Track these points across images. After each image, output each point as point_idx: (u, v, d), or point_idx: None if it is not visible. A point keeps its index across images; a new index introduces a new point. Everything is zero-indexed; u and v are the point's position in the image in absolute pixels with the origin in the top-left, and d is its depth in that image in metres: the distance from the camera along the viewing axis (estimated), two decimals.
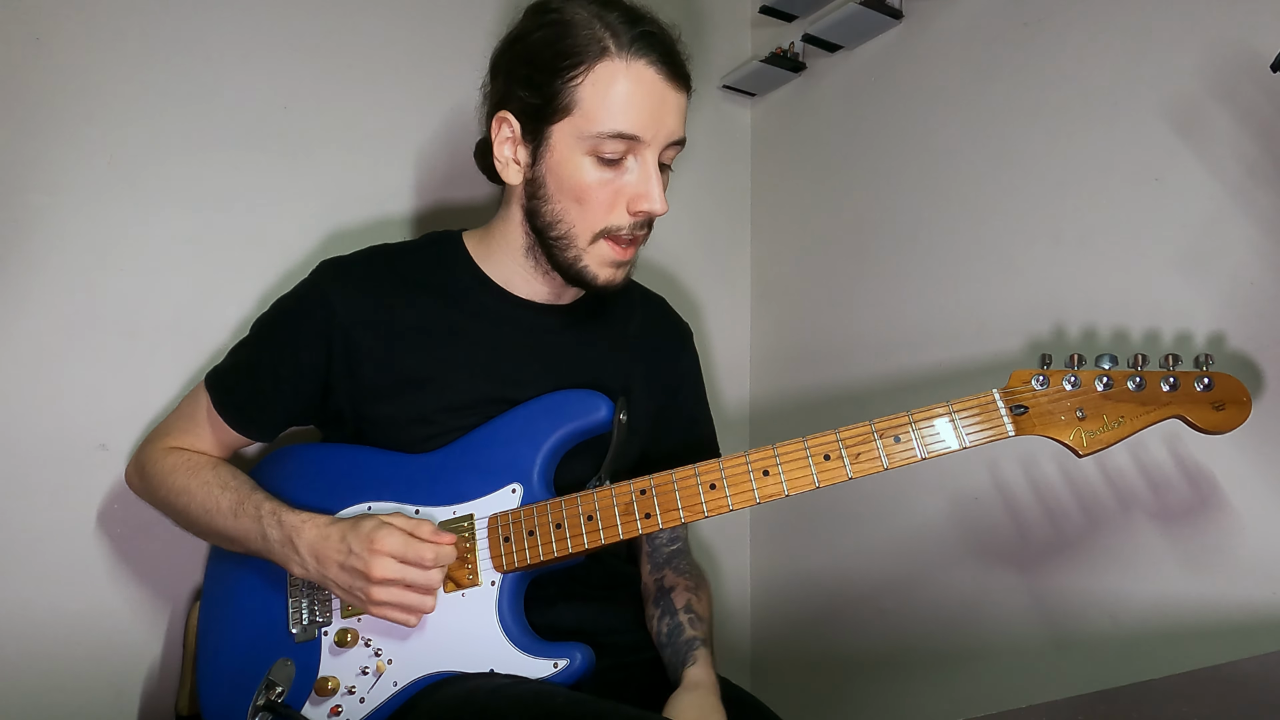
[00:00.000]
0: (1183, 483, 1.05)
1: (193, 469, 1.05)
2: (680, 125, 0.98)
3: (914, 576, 1.36)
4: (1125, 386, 0.87)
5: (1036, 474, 1.20)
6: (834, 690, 1.44)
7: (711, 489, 0.90)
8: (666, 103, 0.96)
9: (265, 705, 0.93)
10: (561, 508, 0.93)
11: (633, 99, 0.93)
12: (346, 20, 1.37)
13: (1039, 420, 0.87)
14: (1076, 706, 0.72)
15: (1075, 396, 0.87)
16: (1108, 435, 0.86)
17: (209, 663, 1.03)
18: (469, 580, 0.93)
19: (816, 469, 0.89)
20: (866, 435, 0.89)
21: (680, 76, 0.98)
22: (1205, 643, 1.01)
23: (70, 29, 1.17)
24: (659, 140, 0.96)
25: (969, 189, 1.34)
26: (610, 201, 0.96)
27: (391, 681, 0.92)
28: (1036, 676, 1.17)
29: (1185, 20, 1.08)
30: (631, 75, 0.93)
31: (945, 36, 1.40)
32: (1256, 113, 1.01)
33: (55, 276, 1.15)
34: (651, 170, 0.96)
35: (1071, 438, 0.87)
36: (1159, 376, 0.87)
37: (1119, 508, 1.10)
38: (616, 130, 0.93)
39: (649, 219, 0.99)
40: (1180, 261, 1.07)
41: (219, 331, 1.24)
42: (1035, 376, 0.88)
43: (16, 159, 1.13)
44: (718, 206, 1.77)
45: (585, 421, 0.97)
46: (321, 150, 1.34)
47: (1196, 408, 0.86)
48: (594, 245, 0.98)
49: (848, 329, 1.53)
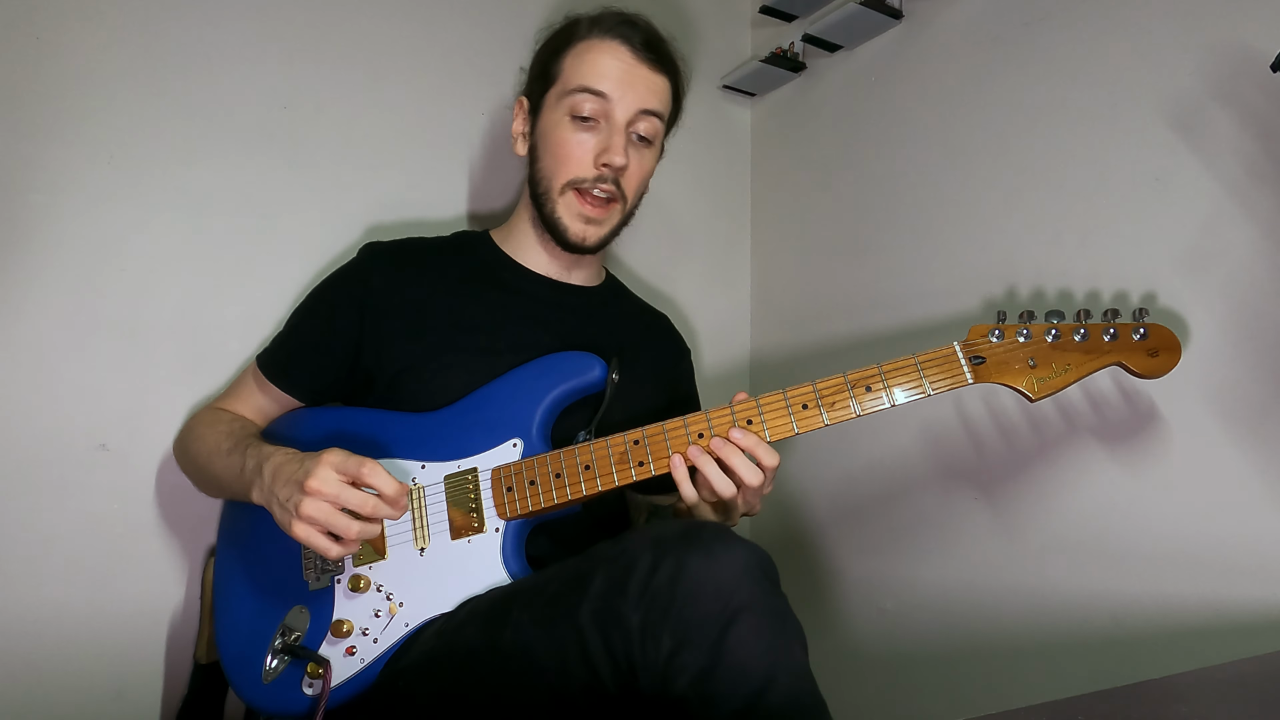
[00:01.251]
0: (1183, 471, 1.05)
1: (214, 421, 1.13)
2: (652, 98, 1.11)
3: (914, 576, 1.36)
4: (1071, 338, 0.96)
5: (1034, 463, 1.20)
6: (834, 690, 1.44)
7: (700, 438, 0.97)
8: (635, 73, 1.10)
9: (283, 647, 0.98)
10: (560, 459, 0.99)
11: (601, 63, 1.10)
12: (347, 20, 1.37)
13: (995, 369, 0.96)
14: (1076, 706, 0.72)
15: (1027, 347, 0.96)
16: (1057, 381, 0.95)
17: (226, 613, 1.06)
18: (475, 528, 0.99)
19: (795, 417, 0.96)
20: (840, 385, 0.97)
21: (653, 57, 1.11)
22: (1205, 643, 1.01)
23: (70, 29, 1.17)
24: (627, 104, 1.10)
25: (970, 188, 1.34)
26: (581, 157, 1.10)
27: (403, 622, 0.96)
28: (1036, 676, 1.17)
29: (1185, 20, 1.08)
30: (604, 47, 1.11)
31: (945, 36, 1.40)
32: (1256, 113, 1.01)
33: (55, 276, 1.15)
34: (617, 128, 1.09)
35: (1025, 384, 0.96)
36: (1101, 328, 0.96)
37: (1117, 494, 1.11)
38: (585, 84, 1.09)
39: (614, 177, 1.11)
40: (1180, 262, 1.07)
41: (219, 331, 1.24)
42: (991, 330, 0.97)
43: (16, 159, 1.13)
44: (718, 206, 1.77)
45: (580, 380, 1.05)
46: (321, 151, 1.34)
47: (1134, 355, 0.95)
48: (564, 197, 1.12)
49: (848, 329, 1.52)
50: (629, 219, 1.18)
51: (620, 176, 1.11)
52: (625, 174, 1.11)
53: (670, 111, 1.17)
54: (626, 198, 1.14)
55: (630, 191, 1.14)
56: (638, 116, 1.10)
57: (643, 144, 1.13)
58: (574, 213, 1.12)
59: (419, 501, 1.01)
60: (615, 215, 1.15)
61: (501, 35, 1.50)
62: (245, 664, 1.01)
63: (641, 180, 1.16)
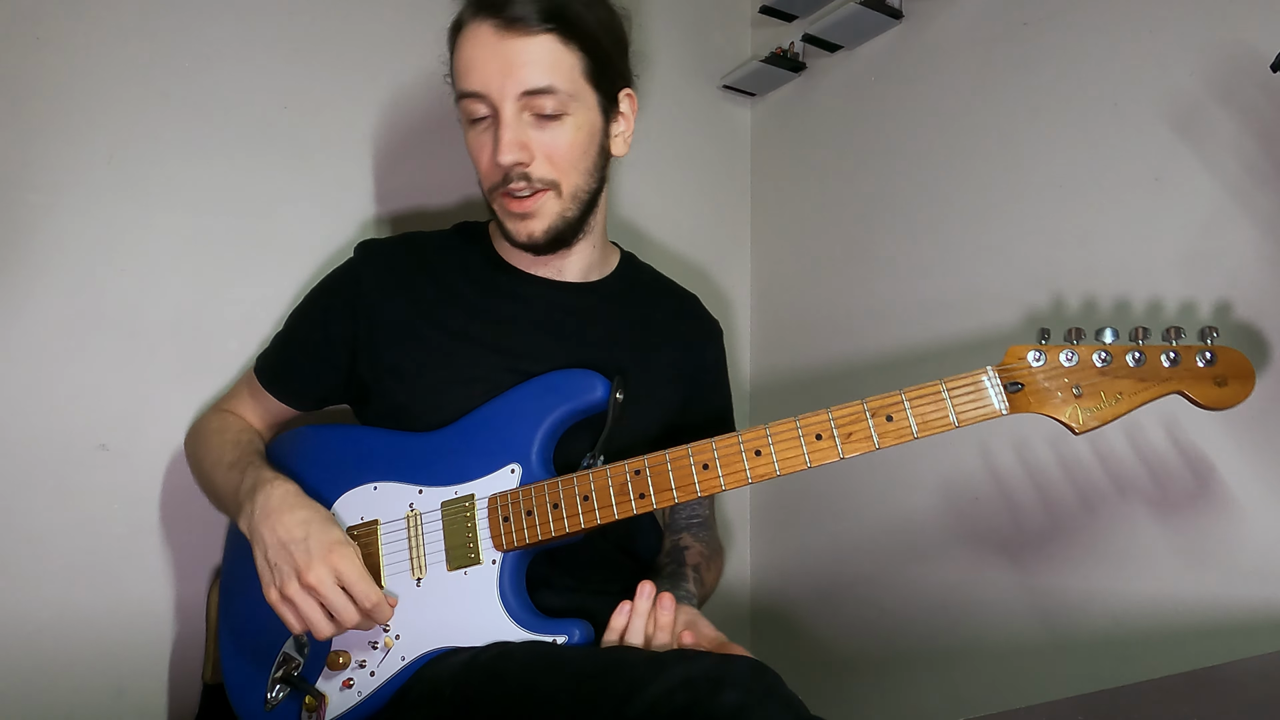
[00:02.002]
0: (1183, 470, 1.05)
1: (223, 428, 1.12)
2: (532, 73, 0.96)
3: (914, 575, 1.36)
4: (1124, 361, 0.84)
5: (1031, 460, 1.20)
6: (834, 690, 1.44)
7: (705, 469, 0.91)
8: (504, 52, 0.96)
9: (283, 677, 0.97)
10: (559, 488, 0.94)
11: (470, 58, 0.98)
12: (347, 20, 1.37)
13: (1034, 398, 0.86)
14: (1076, 706, 0.72)
15: (1072, 373, 0.85)
16: (1106, 412, 0.84)
17: (229, 638, 1.06)
18: (471, 559, 0.95)
19: (808, 448, 0.88)
20: (858, 414, 0.88)
21: (517, 21, 0.95)
22: (1205, 643, 1.01)
23: (70, 29, 1.16)
24: (507, 92, 0.96)
25: (969, 189, 1.34)
26: (486, 161, 1.01)
27: (400, 656, 0.94)
28: (1036, 676, 1.17)
29: (1185, 20, 1.08)
30: (468, 36, 0.99)
31: (945, 36, 1.40)
32: (1256, 113, 1.01)
33: (55, 276, 1.15)
34: (503, 123, 0.97)
35: (1068, 415, 0.85)
36: (1159, 351, 0.84)
37: (1116, 493, 1.10)
38: (460, 89, 1.00)
39: (518, 174, 0.99)
40: (1180, 262, 1.07)
41: (219, 331, 1.24)
42: (1031, 352, 0.86)
43: (16, 159, 1.13)
44: (718, 206, 1.77)
45: (582, 401, 0.99)
46: (321, 150, 1.34)
47: (1198, 383, 0.83)
48: (495, 202, 1.04)
49: (848, 329, 1.52)
50: (584, 198, 1.04)
51: (525, 170, 0.98)
52: (534, 164, 0.98)
53: (583, 62, 0.99)
54: (555, 183, 1.01)
55: (557, 174, 1.00)
56: (524, 102, 0.97)
57: (546, 118, 0.98)
58: (509, 214, 1.03)
59: (416, 529, 0.98)
60: (549, 204, 1.01)
61: None
62: (247, 691, 1.00)
63: (566, 156, 1.00)
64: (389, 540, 0.99)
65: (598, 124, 1.03)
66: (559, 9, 0.97)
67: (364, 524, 1.01)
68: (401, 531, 0.99)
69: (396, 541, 0.99)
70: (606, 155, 1.06)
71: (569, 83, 0.98)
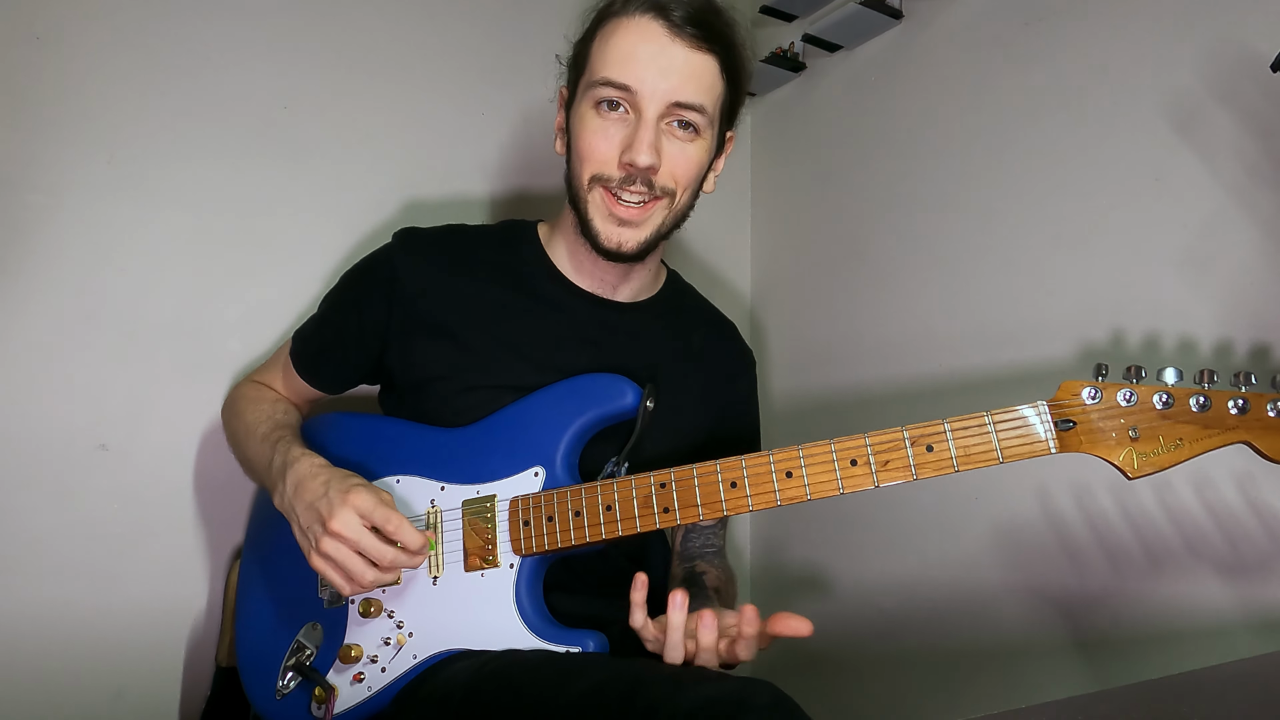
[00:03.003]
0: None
1: (258, 399, 1.13)
2: (689, 86, 0.96)
3: (914, 576, 1.36)
4: (1187, 405, 0.78)
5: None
6: (834, 690, 1.44)
7: (732, 487, 0.88)
8: (667, 56, 0.95)
9: (295, 665, 0.97)
10: (581, 496, 0.92)
11: (626, 46, 0.96)
12: (347, 20, 1.37)
13: (1086, 437, 0.79)
14: (1076, 706, 0.72)
15: (1131, 414, 0.79)
16: (1163, 458, 0.78)
17: (245, 621, 1.06)
18: (489, 561, 0.94)
19: (842, 474, 0.84)
20: (897, 442, 0.82)
21: (695, 33, 0.95)
22: (1205, 643, 1.01)
23: (70, 29, 1.17)
24: (657, 96, 0.95)
25: (969, 189, 1.34)
26: (605, 151, 0.97)
27: (411, 654, 0.94)
28: (1036, 676, 1.17)
29: (1185, 20, 1.08)
30: (631, 26, 0.96)
31: (945, 36, 1.40)
32: (1256, 113, 1.01)
33: (55, 276, 1.15)
34: (644, 122, 0.95)
35: (1122, 458, 0.78)
36: (1227, 397, 0.77)
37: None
38: (606, 77, 0.96)
39: (645, 178, 0.97)
40: (1180, 262, 1.07)
41: (219, 331, 1.24)
42: (1086, 389, 0.80)
43: (16, 159, 1.13)
44: (718, 206, 1.77)
45: (611, 407, 0.97)
46: (321, 151, 1.34)
47: (1268, 434, 0.77)
48: (591, 194, 1.00)
49: (848, 329, 1.52)
50: (682, 218, 1.05)
51: (652, 176, 0.97)
52: (660, 173, 0.97)
53: (724, 95, 1.01)
54: (673, 194, 1.00)
55: (678, 188, 1.00)
56: (670, 110, 0.96)
57: (685, 131, 0.98)
58: (604, 213, 1.00)
59: (436, 527, 0.97)
60: (657, 215, 1.01)
61: (502, 34, 1.50)
62: (260, 675, 1.00)
63: (689, 174, 1.00)
64: None
65: (710, 154, 1.04)
66: (727, 36, 0.98)
67: None
68: (421, 527, 0.98)
69: None
70: (700, 187, 1.06)
71: (713, 107, 0.99)
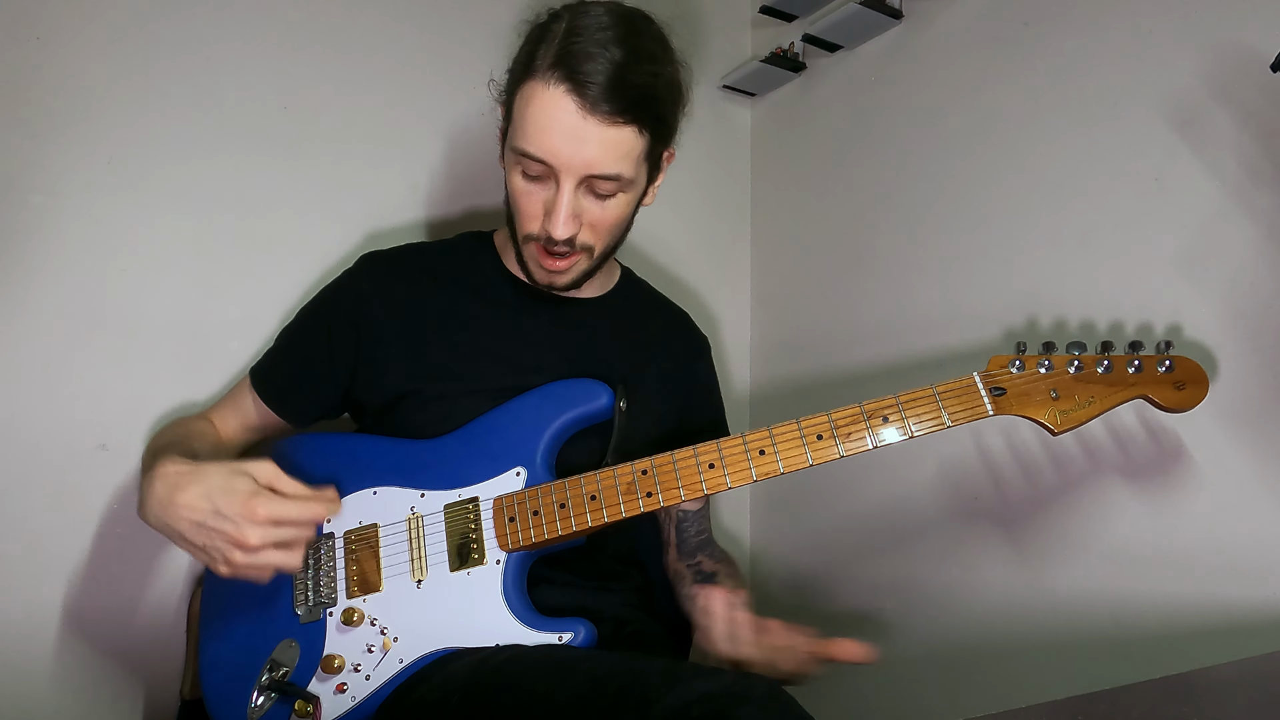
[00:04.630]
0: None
1: (173, 424, 1.12)
2: (606, 159, 0.94)
3: (914, 575, 1.36)
4: (1094, 370, 0.93)
5: (1026, 458, 1.20)
6: (833, 690, 1.44)
7: (710, 468, 0.94)
8: (581, 133, 0.93)
9: (270, 684, 0.95)
10: (565, 488, 0.96)
11: (540, 120, 0.94)
12: (346, 20, 1.37)
13: (1016, 400, 0.93)
14: (1076, 706, 0.72)
15: (1049, 379, 0.94)
16: (1080, 414, 0.93)
17: (211, 646, 1.04)
18: (475, 560, 0.96)
19: (810, 448, 0.93)
20: (856, 416, 0.93)
21: (610, 108, 0.92)
22: (1205, 643, 1.01)
23: (70, 29, 1.17)
24: (573, 169, 0.94)
25: (969, 189, 1.34)
26: (532, 214, 0.99)
27: (397, 659, 0.93)
28: (1036, 676, 1.17)
29: (1185, 20, 1.08)
30: (547, 97, 0.93)
31: (945, 36, 1.40)
32: (1256, 113, 1.01)
33: (55, 276, 1.15)
34: (562, 193, 0.96)
35: (1046, 416, 0.93)
36: (1125, 360, 0.93)
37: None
38: (524, 149, 0.95)
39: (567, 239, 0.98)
40: (1180, 262, 1.07)
41: (219, 332, 1.24)
42: (1011, 361, 0.94)
43: (16, 159, 1.13)
44: (718, 206, 1.77)
45: (586, 409, 1.01)
46: (321, 151, 1.34)
47: (1160, 388, 0.93)
48: (527, 249, 1.04)
49: (847, 328, 1.52)
50: (606, 257, 1.08)
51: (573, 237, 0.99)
52: (579, 234, 1.00)
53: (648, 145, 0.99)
54: (592, 248, 1.03)
55: (596, 242, 1.02)
56: (587, 180, 0.96)
57: (606, 189, 0.98)
58: (536, 262, 1.04)
59: (417, 531, 0.99)
60: (581, 263, 1.04)
61: (502, 34, 1.50)
62: (229, 702, 0.96)
63: (609, 229, 1.02)
64: (388, 543, 0.99)
65: (641, 190, 1.04)
66: (644, 99, 0.95)
67: (362, 528, 1.01)
68: (401, 534, 0.99)
69: (396, 544, 0.99)
70: (638, 208, 1.07)
71: (633, 169, 0.98)
